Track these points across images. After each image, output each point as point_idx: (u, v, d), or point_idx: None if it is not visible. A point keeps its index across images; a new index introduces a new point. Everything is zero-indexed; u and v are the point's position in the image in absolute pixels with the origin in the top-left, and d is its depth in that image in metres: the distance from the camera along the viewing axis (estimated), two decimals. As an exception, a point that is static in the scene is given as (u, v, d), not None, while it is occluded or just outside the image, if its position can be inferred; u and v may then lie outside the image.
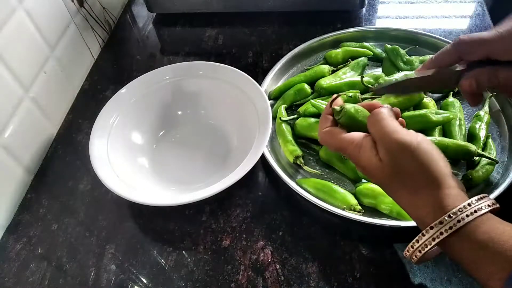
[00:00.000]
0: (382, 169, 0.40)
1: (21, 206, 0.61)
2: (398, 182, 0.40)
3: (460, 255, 0.37)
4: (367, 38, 0.75)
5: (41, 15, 0.66)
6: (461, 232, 0.36)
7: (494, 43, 0.40)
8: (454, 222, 0.36)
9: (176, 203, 0.53)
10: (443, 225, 0.36)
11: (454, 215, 0.36)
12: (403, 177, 0.39)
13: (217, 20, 0.87)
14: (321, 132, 0.46)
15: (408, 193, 0.39)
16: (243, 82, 0.63)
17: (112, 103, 0.63)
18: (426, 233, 0.37)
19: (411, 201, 0.39)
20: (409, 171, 0.39)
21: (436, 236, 0.36)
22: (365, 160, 0.41)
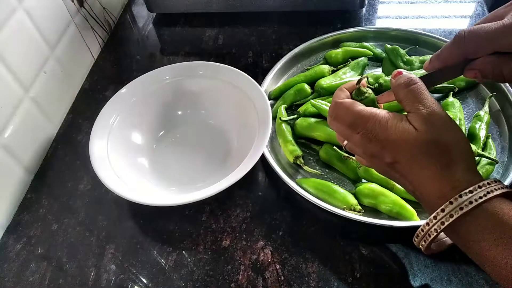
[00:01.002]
0: (416, 139, 0.38)
1: (21, 206, 0.61)
2: (430, 154, 0.38)
3: (470, 238, 0.35)
4: (367, 38, 0.75)
5: (41, 15, 0.66)
6: (476, 212, 0.35)
7: (502, 38, 0.37)
8: (467, 203, 0.35)
9: (176, 203, 0.53)
10: (454, 206, 0.35)
11: (465, 195, 0.35)
12: (438, 149, 0.37)
13: (217, 20, 0.87)
14: (336, 103, 0.43)
15: (439, 167, 0.37)
16: (243, 82, 0.63)
17: (112, 103, 0.63)
18: (438, 216, 0.36)
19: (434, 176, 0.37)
20: (446, 144, 0.37)
21: (446, 218, 0.36)
22: (396, 131, 0.38)
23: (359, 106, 0.42)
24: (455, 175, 0.37)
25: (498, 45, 0.38)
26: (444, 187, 0.37)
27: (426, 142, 0.37)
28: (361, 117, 0.40)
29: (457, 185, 0.36)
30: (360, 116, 0.41)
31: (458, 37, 0.40)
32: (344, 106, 0.42)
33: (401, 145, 0.39)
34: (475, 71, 0.40)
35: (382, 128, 0.39)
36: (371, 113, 0.40)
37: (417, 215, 0.52)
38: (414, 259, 0.50)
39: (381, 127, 0.39)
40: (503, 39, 0.37)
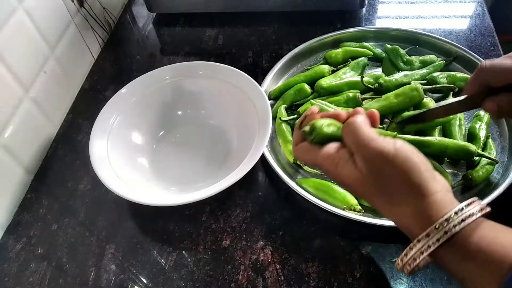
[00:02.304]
0: (362, 180, 0.38)
1: (21, 206, 0.61)
2: (380, 193, 0.38)
3: (451, 267, 0.35)
4: (367, 38, 0.75)
5: (41, 15, 0.66)
6: (450, 243, 0.34)
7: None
8: (441, 234, 0.33)
9: (176, 203, 0.53)
10: (430, 238, 0.34)
11: (441, 226, 0.34)
12: (384, 188, 0.37)
13: (217, 20, 0.87)
14: (294, 149, 0.44)
15: (390, 204, 0.37)
16: (243, 82, 0.63)
17: (112, 103, 0.63)
18: (414, 247, 0.35)
19: (395, 213, 0.37)
20: (388, 181, 0.37)
21: (424, 249, 0.34)
22: (344, 175, 0.39)
23: (313, 150, 0.41)
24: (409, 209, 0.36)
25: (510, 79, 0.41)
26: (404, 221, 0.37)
27: (370, 184, 0.38)
28: (317, 161, 0.41)
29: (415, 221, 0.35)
30: (316, 161, 0.41)
31: (480, 66, 0.43)
32: (301, 153, 0.43)
33: (352, 186, 0.39)
34: (493, 102, 0.42)
35: (334, 171, 0.40)
36: (323, 156, 0.40)
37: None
38: (414, 259, 0.50)
39: (333, 169, 0.40)
40: None
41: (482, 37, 0.76)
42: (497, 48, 0.73)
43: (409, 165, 0.36)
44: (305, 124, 0.43)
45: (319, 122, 0.42)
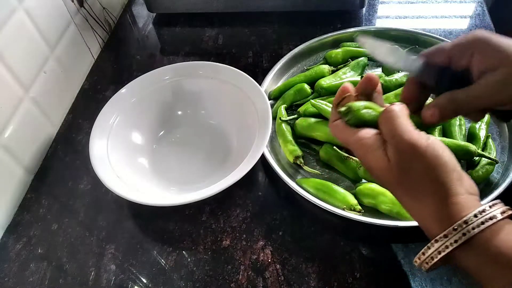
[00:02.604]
0: (390, 170, 0.37)
1: (21, 206, 0.61)
2: (404, 186, 0.37)
3: (470, 268, 0.34)
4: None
5: (41, 15, 0.66)
6: (469, 245, 0.33)
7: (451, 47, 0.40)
8: (459, 236, 0.33)
9: (176, 203, 0.53)
10: (448, 239, 0.34)
11: (460, 227, 0.33)
12: (409, 181, 0.37)
13: (217, 20, 0.87)
14: (331, 125, 0.43)
15: (413, 198, 0.37)
16: (243, 82, 0.63)
17: (112, 103, 0.63)
18: (432, 246, 0.35)
19: (416, 208, 0.37)
20: (415, 175, 0.36)
21: (441, 249, 0.34)
22: (372, 160, 0.39)
23: (347, 130, 0.41)
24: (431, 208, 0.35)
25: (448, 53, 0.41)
26: (424, 219, 0.36)
27: (396, 175, 0.37)
28: (349, 142, 0.41)
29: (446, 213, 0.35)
30: (348, 141, 0.41)
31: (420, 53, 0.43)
32: (336, 130, 0.43)
33: (378, 173, 0.39)
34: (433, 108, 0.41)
35: (363, 155, 0.40)
36: (355, 138, 0.40)
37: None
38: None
39: (362, 153, 0.40)
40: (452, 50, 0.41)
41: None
42: (497, 48, 0.73)
43: (438, 162, 0.35)
44: (342, 104, 0.42)
45: (355, 104, 0.41)
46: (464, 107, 0.40)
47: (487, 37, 0.39)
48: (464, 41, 0.40)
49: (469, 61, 0.40)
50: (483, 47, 0.39)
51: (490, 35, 0.39)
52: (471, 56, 0.39)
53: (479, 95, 0.39)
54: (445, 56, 0.41)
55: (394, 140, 0.37)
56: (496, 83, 0.38)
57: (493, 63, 0.38)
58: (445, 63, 0.41)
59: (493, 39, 0.39)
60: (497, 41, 0.38)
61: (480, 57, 0.39)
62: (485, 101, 0.39)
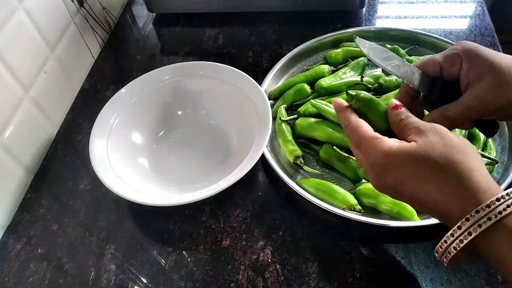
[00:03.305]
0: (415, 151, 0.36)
1: (21, 206, 0.61)
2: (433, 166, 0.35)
3: (493, 256, 0.32)
4: (367, 38, 0.74)
5: (41, 15, 0.66)
6: (494, 229, 0.32)
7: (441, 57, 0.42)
8: (485, 220, 0.32)
9: (176, 203, 0.53)
10: (472, 224, 0.32)
11: (483, 211, 0.32)
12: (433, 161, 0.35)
13: (217, 20, 0.87)
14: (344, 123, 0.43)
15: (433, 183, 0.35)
16: (243, 82, 0.63)
17: (112, 103, 0.63)
18: (463, 225, 0.33)
19: (437, 194, 0.35)
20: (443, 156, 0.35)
21: (464, 236, 0.32)
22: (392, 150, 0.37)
23: (364, 129, 0.40)
24: (467, 186, 0.34)
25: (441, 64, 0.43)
26: (457, 200, 0.34)
27: (429, 151, 0.36)
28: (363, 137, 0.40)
29: (471, 197, 0.33)
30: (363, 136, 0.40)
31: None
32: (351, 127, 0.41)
33: (399, 162, 0.37)
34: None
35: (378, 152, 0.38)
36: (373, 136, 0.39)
37: (417, 215, 0.52)
38: (414, 259, 0.50)
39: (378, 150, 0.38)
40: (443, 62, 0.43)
41: (482, 37, 0.76)
42: (497, 48, 0.73)
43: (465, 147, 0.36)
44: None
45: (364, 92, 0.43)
46: (456, 121, 0.41)
47: (474, 47, 0.41)
48: (454, 51, 0.42)
49: (458, 70, 0.41)
50: (470, 57, 0.40)
51: (477, 46, 0.41)
52: (459, 65, 0.41)
53: (467, 108, 0.40)
54: (437, 66, 0.43)
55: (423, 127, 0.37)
56: (481, 95, 0.39)
57: (479, 73, 0.40)
58: (437, 72, 0.43)
59: (480, 49, 0.40)
60: (483, 51, 0.40)
61: (467, 67, 0.41)
62: (474, 113, 0.40)
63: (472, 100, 0.40)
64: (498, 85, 0.39)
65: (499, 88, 0.39)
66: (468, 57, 0.41)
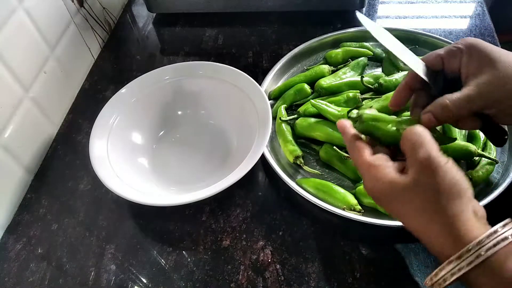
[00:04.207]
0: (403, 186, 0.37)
1: (21, 206, 0.61)
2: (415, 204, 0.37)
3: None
4: (367, 38, 0.75)
5: (41, 15, 0.66)
6: (482, 267, 0.32)
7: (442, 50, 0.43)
8: (473, 258, 0.32)
9: (176, 203, 0.53)
10: (462, 260, 0.33)
11: (474, 248, 0.33)
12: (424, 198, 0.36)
13: (217, 20, 0.87)
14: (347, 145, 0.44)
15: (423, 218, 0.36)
16: (243, 82, 0.63)
17: (112, 103, 0.63)
18: (444, 268, 0.34)
19: (426, 228, 0.36)
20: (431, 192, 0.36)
21: (455, 271, 0.33)
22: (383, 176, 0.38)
23: (362, 153, 0.41)
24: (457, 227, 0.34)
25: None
26: (445, 237, 0.35)
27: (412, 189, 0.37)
28: (362, 164, 0.41)
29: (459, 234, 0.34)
30: (361, 163, 0.41)
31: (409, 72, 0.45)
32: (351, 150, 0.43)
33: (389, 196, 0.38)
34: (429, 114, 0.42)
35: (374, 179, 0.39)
36: (370, 163, 0.40)
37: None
38: (414, 259, 0.50)
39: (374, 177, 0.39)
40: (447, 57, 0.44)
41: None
42: (497, 48, 0.73)
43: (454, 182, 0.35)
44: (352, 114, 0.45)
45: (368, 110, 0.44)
46: (456, 112, 0.40)
47: (475, 42, 0.41)
48: (455, 45, 0.42)
49: (459, 64, 0.42)
50: (471, 51, 0.41)
51: (478, 41, 0.41)
52: (460, 59, 0.42)
53: (466, 98, 0.40)
54: (438, 59, 0.43)
55: (422, 154, 0.37)
56: (480, 85, 0.39)
57: (478, 66, 0.40)
58: (439, 66, 0.43)
59: (480, 43, 0.41)
60: (483, 45, 0.41)
61: (467, 60, 0.41)
62: (473, 104, 0.40)
63: (471, 90, 0.39)
64: (496, 76, 0.39)
65: (498, 79, 0.39)
66: (468, 50, 0.41)
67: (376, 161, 0.40)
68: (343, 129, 0.44)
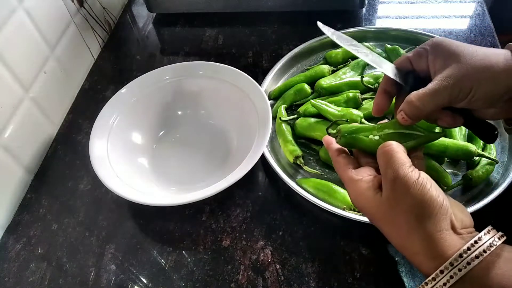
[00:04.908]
0: (380, 205, 0.39)
1: (21, 206, 0.61)
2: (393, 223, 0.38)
3: None
4: (367, 38, 0.75)
5: (41, 15, 0.66)
6: (467, 279, 0.33)
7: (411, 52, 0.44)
8: (455, 271, 0.33)
9: (176, 203, 0.53)
10: (444, 275, 0.33)
11: (455, 261, 0.33)
12: (398, 217, 0.37)
13: (217, 20, 0.87)
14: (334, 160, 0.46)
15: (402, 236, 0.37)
16: (243, 82, 0.63)
17: (112, 103, 0.63)
18: (429, 283, 0.34)
19: (407, 246, 0.37)
20: (403, 210, 0.37)
21: (439, 286, 0.34)
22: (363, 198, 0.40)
23: (344, 169, 0.43)
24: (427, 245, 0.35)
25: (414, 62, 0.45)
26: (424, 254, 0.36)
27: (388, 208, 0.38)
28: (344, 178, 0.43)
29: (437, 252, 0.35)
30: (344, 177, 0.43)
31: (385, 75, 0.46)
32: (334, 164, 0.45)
33: (369, 213, 0.40)
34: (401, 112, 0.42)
35: (354, 194, 0.41)
36: (350, 178, 0.42)
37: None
38: (414, 259, 0.50)
39: (354, 192, 0.41)
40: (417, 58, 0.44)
41: (482, 37, 0.76)
42: (497, 48, 0.73)
43: (424, 198, 0.36)
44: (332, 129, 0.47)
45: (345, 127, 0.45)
46: (420, 106, 0.40)
47: (440, 40, 0.42)
48: (421, 46, 0.43)
49: (426, 63, 0.43)
50: (436, 49, 0.42)
51: (444, 39, 0.42)
52: (427, 59, 0.42)
53: (432, 93, 0.40)
54: (406, 60, 0.45)
55: (390, 174, 0.38)
56: (444, 78, 0.39)
57: (443, 62, 0.40)
58: (408, 67, 0.45)
59: (444, 40, 0.42)
60: (447, 42, 0.41)
61: (433, 58, 0.42)
62: (440, 98, 0.40)
63: (435, 85, 0.40)
64: (460, 68, 0.39)
65: (462, 70, 0.39)
66: (433, 49, 0.42)
67: (357, 176, 0.41)
68: (327, 145, 0.47)
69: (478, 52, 0.39)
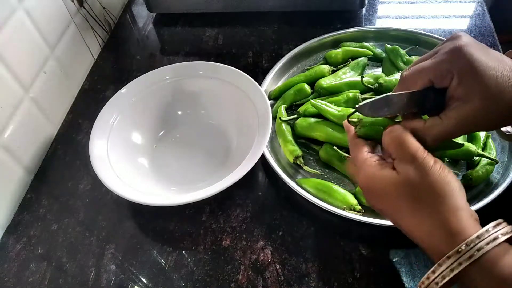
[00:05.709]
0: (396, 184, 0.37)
1: (21, 206, 0.61)
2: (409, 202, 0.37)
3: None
4: (367, 38, 0.75)
5: (41, 15, 0.66)
6: (481, 263, 0.33)
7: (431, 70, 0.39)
8: (474, 251, 0.32)
9: (176, 203, 0.53)
10: (461, 255, 0.33)
11: (472, 243, 0.33)
12: (416, 195, 0.36)
13: (217, 20, 0.87)
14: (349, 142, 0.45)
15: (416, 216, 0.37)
16: (243, 82, 0.63)
17: (112, 103, 0.63)
18: (443, 263, 0.34)
19: (420, 226, 0.36)
20: (424, 189, 0.36)
21: (454, 266, 0.33)
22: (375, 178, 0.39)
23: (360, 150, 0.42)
24: (448, 222, 0.35)
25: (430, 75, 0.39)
26: (436, 236, 0.35)
27: (406, 186, 0.37)
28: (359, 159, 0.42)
29: (452, 233, 0.34)
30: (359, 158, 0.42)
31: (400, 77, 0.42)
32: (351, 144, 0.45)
33: (382, 193, 0.39)
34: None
35: (367, 174, 0.40)
36: (365, 158, 0.41)
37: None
38: (414, 259, 0.50)
39: (367, 172, 0.40)
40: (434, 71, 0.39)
41: (482, 37, 0.76)
42: (497, 48, 0.73)
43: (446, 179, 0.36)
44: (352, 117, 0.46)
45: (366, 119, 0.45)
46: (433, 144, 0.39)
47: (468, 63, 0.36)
48: (446, 60, 0.38)
49: (448, 85, 0.38)
50: (462, 74, 0.37)
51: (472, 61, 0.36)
52: (450, 80, 0.38)
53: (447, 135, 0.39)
54: (427, 82, 0.40)
55: (407, 158, 0.38)
56: (464, 119, 0.37)
57: (467, 92, 0.37)
58: (427, 84, 0.40)
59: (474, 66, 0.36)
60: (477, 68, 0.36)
61: (457, 83, 0.37)
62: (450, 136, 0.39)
63: (454, 126, 0.38)
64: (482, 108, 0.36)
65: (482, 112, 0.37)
66: (459, 74, 0.37)
67: (373, 157, 0.41)
68: (348, 128, 0.46)
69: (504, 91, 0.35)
